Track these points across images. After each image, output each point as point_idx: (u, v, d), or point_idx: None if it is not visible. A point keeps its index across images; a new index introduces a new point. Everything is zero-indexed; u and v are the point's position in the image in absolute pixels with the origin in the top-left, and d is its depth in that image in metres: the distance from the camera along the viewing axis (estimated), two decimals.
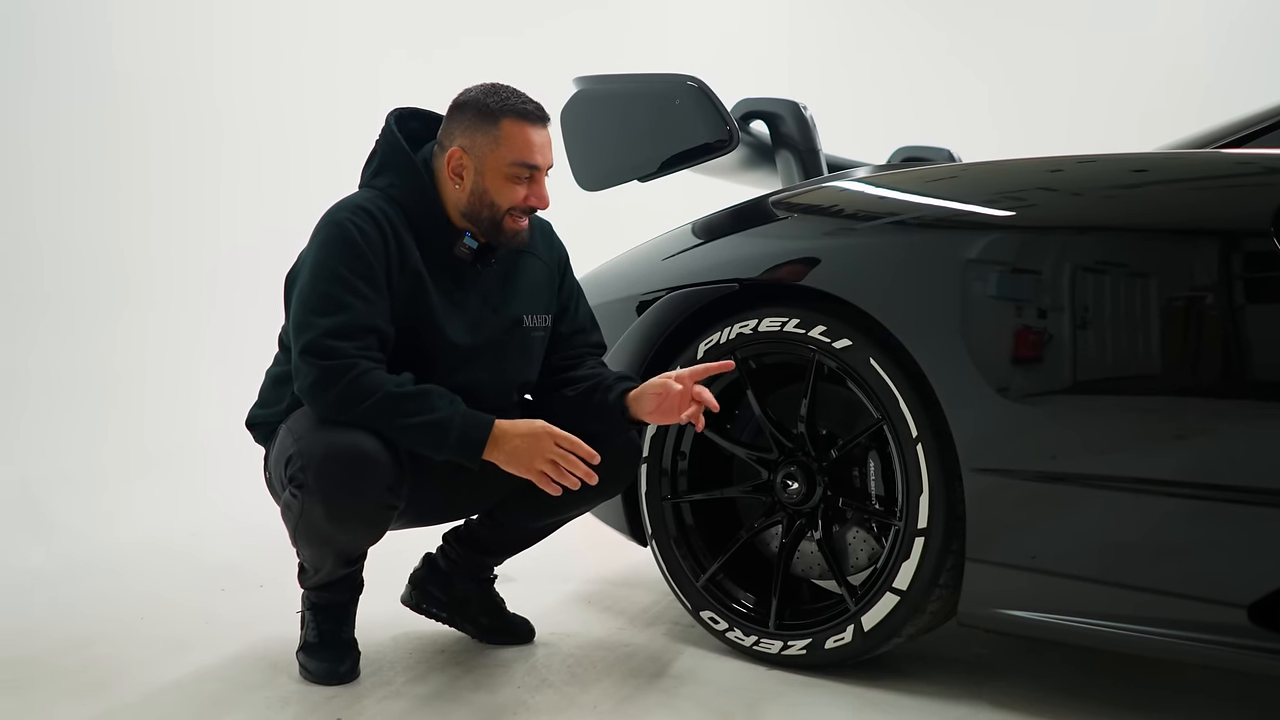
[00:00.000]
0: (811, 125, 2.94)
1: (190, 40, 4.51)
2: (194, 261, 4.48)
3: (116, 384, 4.13)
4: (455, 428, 2.00)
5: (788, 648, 2.27)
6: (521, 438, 2.02)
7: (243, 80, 4.71)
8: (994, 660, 2.37)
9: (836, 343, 2.18)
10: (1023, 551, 1.92)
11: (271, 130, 4.80)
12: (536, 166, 2.13)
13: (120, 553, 3.39)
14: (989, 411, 1.94)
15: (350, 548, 2.14)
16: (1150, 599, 1.80)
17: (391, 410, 1.98)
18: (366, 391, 1.97)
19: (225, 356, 4.31)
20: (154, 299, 4.33)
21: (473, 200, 2.13)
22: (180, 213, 4.45)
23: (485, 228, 2.15)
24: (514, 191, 2.12)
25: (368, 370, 1.99)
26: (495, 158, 2.11)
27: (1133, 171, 1.94)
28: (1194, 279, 1.80)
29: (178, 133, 4.44)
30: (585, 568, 3.21)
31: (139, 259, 4.28)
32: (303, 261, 2.13)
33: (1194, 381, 1.81)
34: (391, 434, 2.00)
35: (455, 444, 2.00)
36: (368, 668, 2.27)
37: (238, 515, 3.75)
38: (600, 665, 2.33)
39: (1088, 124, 5.98)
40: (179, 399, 4.31)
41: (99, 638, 2.53)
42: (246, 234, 4.62)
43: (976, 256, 1.98)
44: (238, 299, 4.51)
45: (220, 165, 4.60)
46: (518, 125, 2.11)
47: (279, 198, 4.67)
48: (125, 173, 4.25)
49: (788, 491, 2.32)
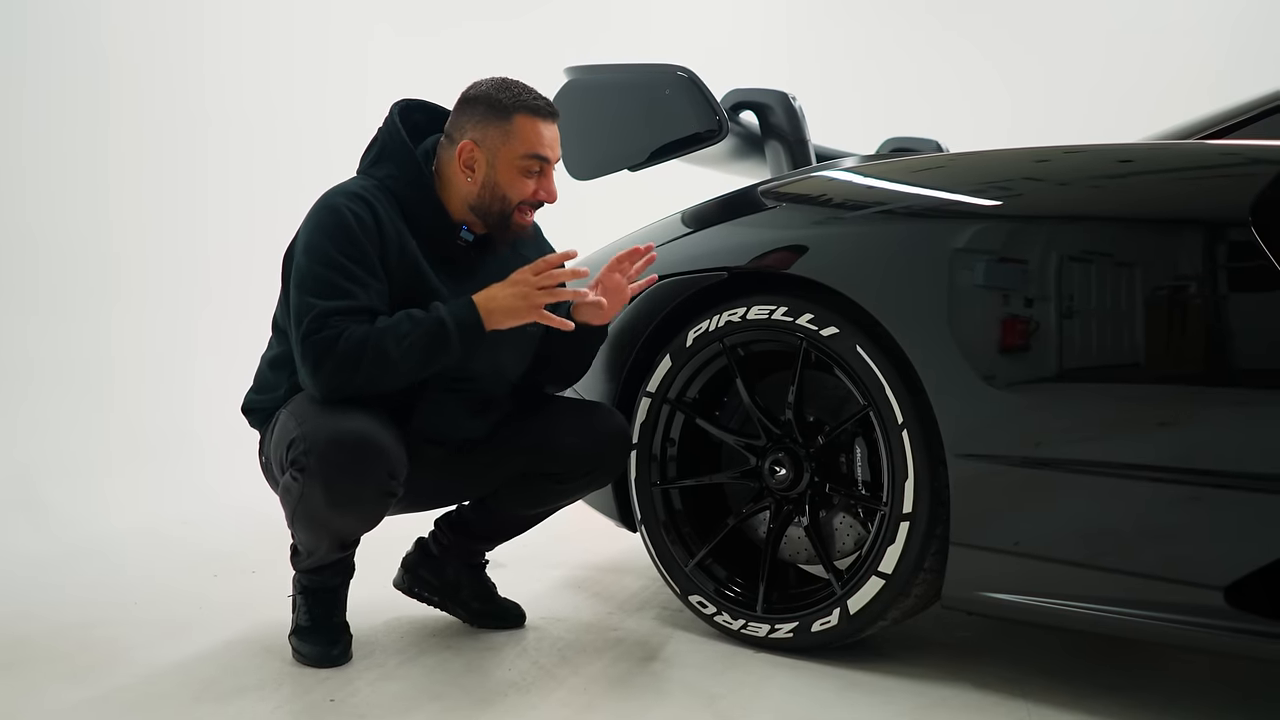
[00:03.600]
0: (800, 116, 2.95)
1: (182, 28, 4.48)
2: (187, 249, 4.46)
3: (112, 372, 4.12)
4: (450, 325, 2.02)
5: (775, 631, 2.28)
6: (504, 294, 2.06)
7: (232, 68, 4.69)
8: (977, 642, 2.39)
9: (824, 330, 2.18)
10: (1006, 536, 1.93)
11: (262, 118, 4.78)
12: (547, 160, 2.15)
13: (116, 538, 3.39)
14: (974, 398, 1.94)
15: (347, 532, 2.15)
16: (1131, 582, 1.81)
17: (388, 346, 1.99)
18: (359, 344, 1.98)
19: (219, 344, 4.30)
20: (148, 286, 4.31)
21: (484, 193, 2.15)
22: (173, 201, 4.43)
23: (494, 221, 2.17)
24: (524, 184, 2.15)
25: (356, 328, 2.00)
26: (507, 150, 2.13)
27: (1118, 162, 1.95)
28: (1177, 268, 1.81)
29: (169, 122, 4.42)
30: (575, 553, 3.21)
31: (133, 247, 4.27)
32: (297, 244, 2.13)
33: (1176, 369, 1.81)
34: (404, 367, 2.01)
35: (459, 337, 2.03)
36: (360, 651, 2.28)
37: (231, 502, 3.75)
38: (590, 649, 2.33)
39: (1092, 119, 5.94)
40: (174, 387, 4.30)
41: (95, 621, 2.53)
42: (239, 221, 4.61)
43: (963, 246, 1.99)
44: (231, 286, 4.50)
45: (210, 153, 4.58)
46: (530, 120, 2.13)
47: (270, 184, 4.66)
48: (117, 162, 4.22)
49: (775, 477, 2.32)
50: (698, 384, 2.49)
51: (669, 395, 2.47)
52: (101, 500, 3.64)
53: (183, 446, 4.11)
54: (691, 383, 2.48)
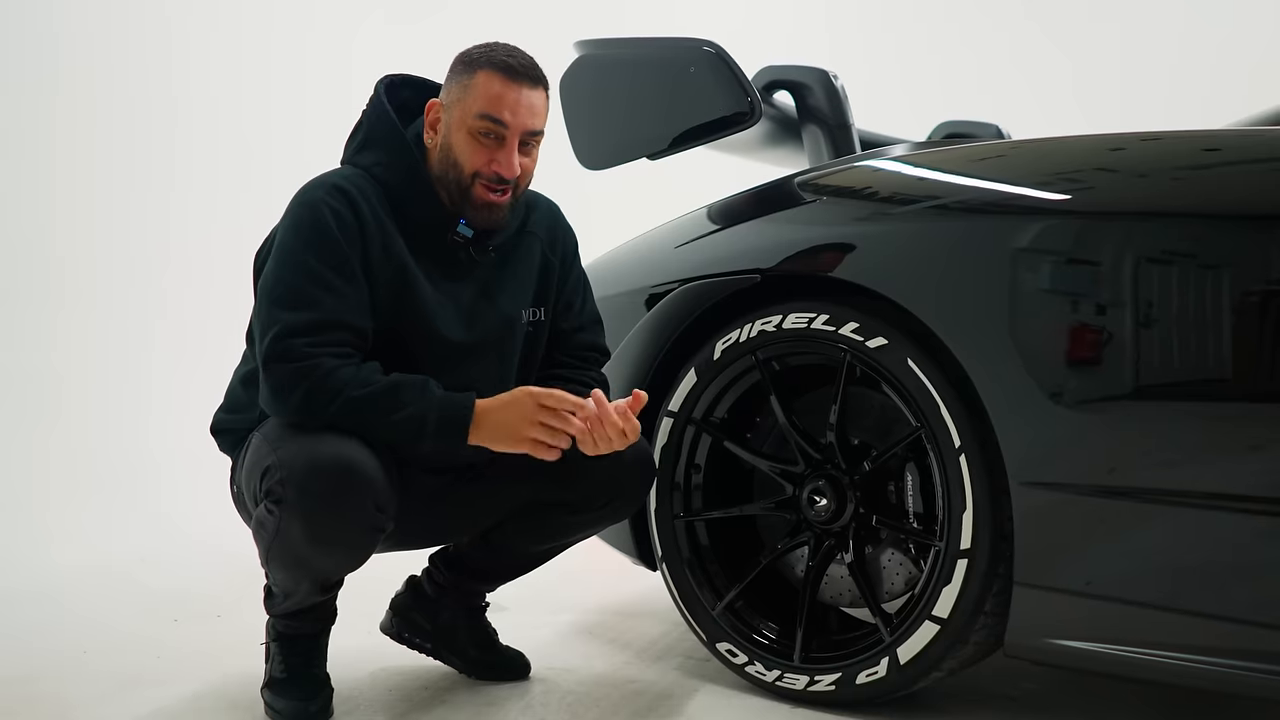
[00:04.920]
0: (843, 97, 2.96)
1: (141, 5, 4.52)
2: (141, 248, 4.48)
3: (58, 388, 4.14)
4: (431, 421, 2.04)
5: (814, 683, 2.29)
6: (502, 409, 2.07)
7: (199, 45, 4.72)
8: (1044, 696, 2.39)
9: (870, 342, 2.20)
10: (1078, 575, 1.94)
11: (230, 105, 4.82)
12: (502, 123, 2.12)
13: (61, 578, 3.40)
14: (1041, 419, 1.96)
15: (329, 572, 2.16)
16: (1219, 627, 1.82)
17: (361, 410, 2.02)
18: (330, 394, 2.01)
19: (179, 356, 4.32)
20: (97, 290, 4.33)
21: (440, 158, 2.17)
22: (127, 194, 4.45)
23: (453, 193, 2.17)
24: (476, 150, 2.13)
25: (332, 370, 2.02)
26: (461, 108, 2.13)
27: (1204, 151, 1.96)
28: (1272, 271, 1.81)
29: (124, 105, 4.44)
30: (587, 595, 3.23)
31: (79, 248, 4.29)
32: (272, 242, 2.16)
33: (1271, 385, 1.82)
34: (371, 434, 2.04)
35: (434, 433, 2.05)
36: (341, 706, 2.29)
37: (193, 536, 3.77)
38: (604, 704, 2.34)
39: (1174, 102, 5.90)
40: (127, 405, 4.31)
41: (38, 673, 2.55)
42: (201, 217, 4.63)
43: (1028, 245, 2.00)
44: (192, 289, 4.51)
45: (174, 143, 4.60)
46: (492, 76, 2.12)
47: (237, 175, 4.68)
48: (65, 151, 4.26)
49: (815, 508, 2.34)
50: (726, 402, 2.51)
51: (694, 415, 2.49)
52: (46, 534, 3.66)
53: (137, 473, 4.13)
54: (719, 401, 2.50)
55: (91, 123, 4.34)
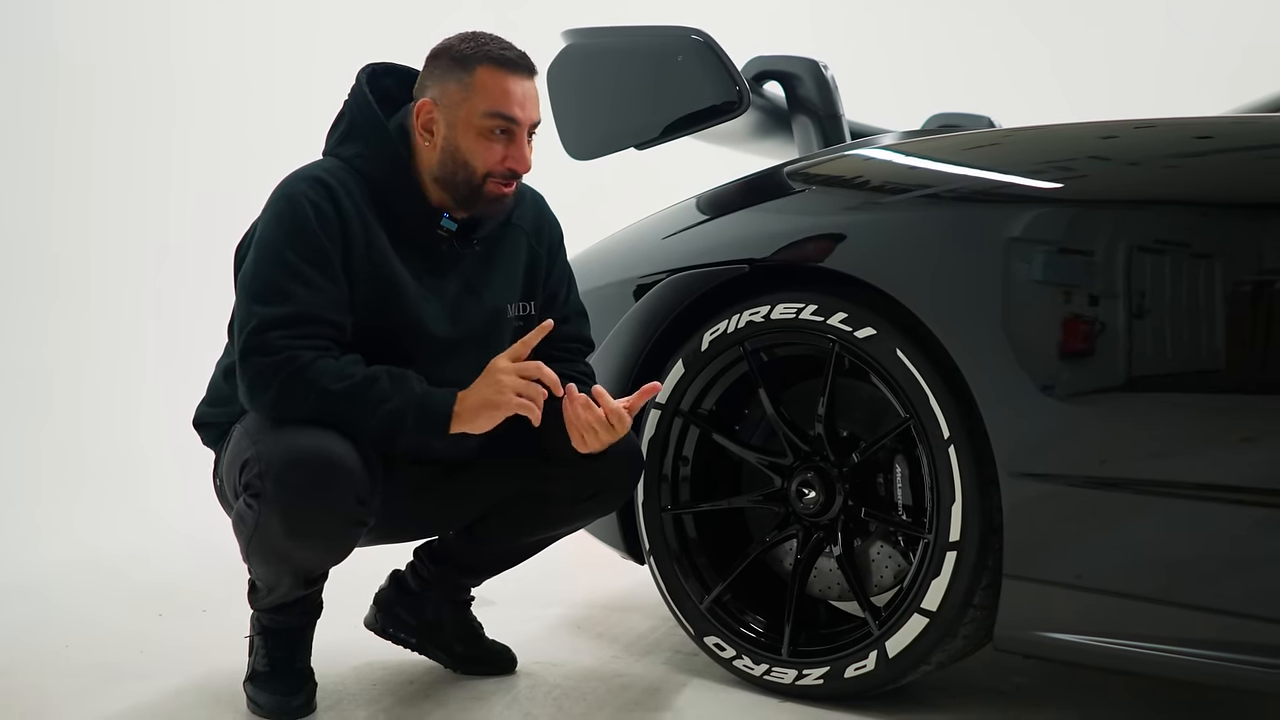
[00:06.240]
0: (833, 87, 2.95)
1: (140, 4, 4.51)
2: (136, 245, 4.48)
3: (49, 383, 4.13)
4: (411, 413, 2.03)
5: (803, 677, 2.28)
6: (478, 387, 2.07)
7: (199, 44, 4.71)
8: (1034, 690, 2.38)
9: (859, 332, 2.19)
10: (1068, 567, 1.93)
11: (228, 104, 4.81)
12: (513, 119, 2.11)
13: (50, 572, 3.40)
14: (1031, 410, 1.95)
15: (311, 567, 2.15)
16: (1212, 619, 1.81)
17: (339, 404, 2.00)
18: (306, 387, 1.99)
19: (170, 352, 4.30)
20: (91, 288, 4.33)
21: (445, 161, 2.13)
22: (122, 191, 4.45)
23: (462, 195, 2.14)
24: (489, 150, 2.11)
25: (309, 363, 2.00)
26: (468, 108, 2.10)
27: (1196, 138, 1.95)
28: (1264, 260, 1.80)
29: (122, 103, 4.44)
30: (575, 589, 3.22)
31: (74, 244, 4.28)
32: (253, 235, 2.14)
33: (1262, 375, 1.81)
34: (348, 427, 2.02)
35: (415, 425, 2.04)
36: (325, 701, 2.28)
37: (182, 531, 3.77)
38: (591, 699, 2.34)
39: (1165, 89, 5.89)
40: (117, 400, 4.31)
41: (21, 666, 2.55)
42: (196, 214, 4.62)
43: (1019, 234, 1.99)
44: (186, 286, 4.51)
45: (171, 141, 4.60)
46: (494, 72, 2.10)
47: (234, 173, 4.65)
48: (63, 148, 4.24)
49: (803, 501, 2.33)
50: (714, 394, 2.50)
51: (681, 407, 2.48)
52: (33, 528, 3.66)
53: (127, 468, 4.13)
54: (707, 393, 2.49)
55: (89, 120, 4.33)
